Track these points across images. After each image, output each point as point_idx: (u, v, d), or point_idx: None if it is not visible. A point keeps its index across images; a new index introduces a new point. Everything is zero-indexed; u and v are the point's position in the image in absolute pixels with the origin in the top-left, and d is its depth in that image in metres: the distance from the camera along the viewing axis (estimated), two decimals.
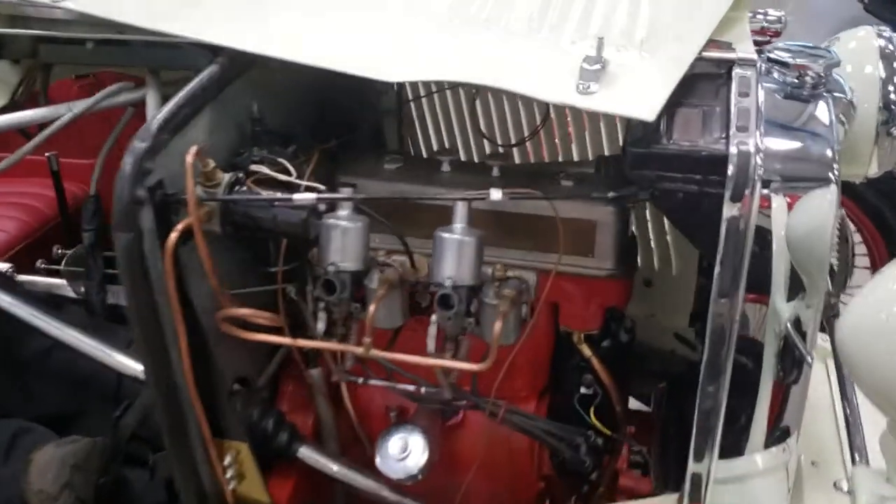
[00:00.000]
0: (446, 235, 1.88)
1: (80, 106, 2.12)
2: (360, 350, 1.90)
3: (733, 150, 1.67)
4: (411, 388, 2.10)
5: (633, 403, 2.80)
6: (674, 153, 1.75)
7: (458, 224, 1.90)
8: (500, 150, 2.67)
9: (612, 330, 2.30)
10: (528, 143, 2.64)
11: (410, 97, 2.76)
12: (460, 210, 1.89)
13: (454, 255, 1.88)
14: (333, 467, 2.23)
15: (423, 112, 2.77)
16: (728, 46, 1.90)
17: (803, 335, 1.93)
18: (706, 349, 1.82)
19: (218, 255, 2.04)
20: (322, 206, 1.85)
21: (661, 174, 1.78)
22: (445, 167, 2.22)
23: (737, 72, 1.84)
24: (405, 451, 2.09)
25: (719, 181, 1.70)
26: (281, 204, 1.81)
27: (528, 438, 2.28)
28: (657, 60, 1.81)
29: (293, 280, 2.08)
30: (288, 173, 1.94)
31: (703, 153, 1.73)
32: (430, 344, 1.97)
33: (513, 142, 2.59)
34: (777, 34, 2.36)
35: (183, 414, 1.95)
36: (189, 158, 1.70)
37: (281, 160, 1.97)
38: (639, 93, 1.72)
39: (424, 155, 2.82)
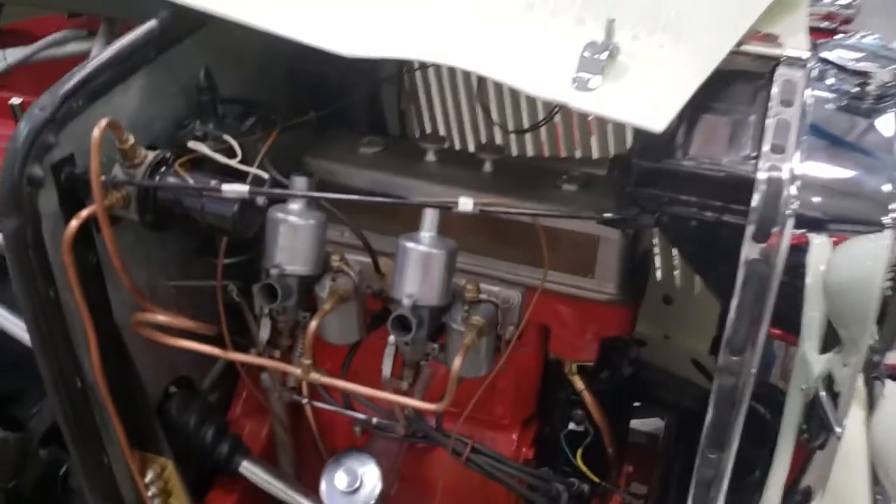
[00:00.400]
0: (410, 245, 1.57)
1: (15, 55, 1.84)
2: (297, 372, 1.61)
3: (762, 174, 1.32)
4: (362, 416, 1.81)
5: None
6: (689, 171, 1.40)
7: (426, 233, 1.58)
8: (497, 140, 2.32)
9: (612, 362, 1.97)
10: (530, 135, 2.29)
11: (416, 66, 2.42)
12: (429, 217, 1.58)
13: (417, 269, 1.58)
14: (278, 487, 1.97)
15: (429, 85, 2.43)
16: (774, 40, 1.53)
17: (835, 397, 1.58)
18: (709, 411, 1.49)
19: (151, 242, 1.78)
20: (262, 200, 1.55)
21: (672, 196, 1.43)
22: (430, 157, 1.90)
23: (781, 73, 1.47)
24: (354, 484, 1.81)
25: (743, 211, 1.35)
26: (209, 194, 1.51)
27: None
28: (680, 52, 1.45)
29: (241, 276, 1.80)
30: (233, 154, 1.65)
31: (726, 175, 1.38)
32: (385, 369, 1.67)
33: (514, 128, 2.24)
34: (847, 21, 1.97)
35: (94, 422, 1.69)
36: (96, 132, 1.41)
37: (227, 137, 1.67)
38: (650, 93, 1.37)
39: (428, 132, 2.49)
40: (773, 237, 1.32)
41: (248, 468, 1.96)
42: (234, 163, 1.62)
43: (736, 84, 1.50)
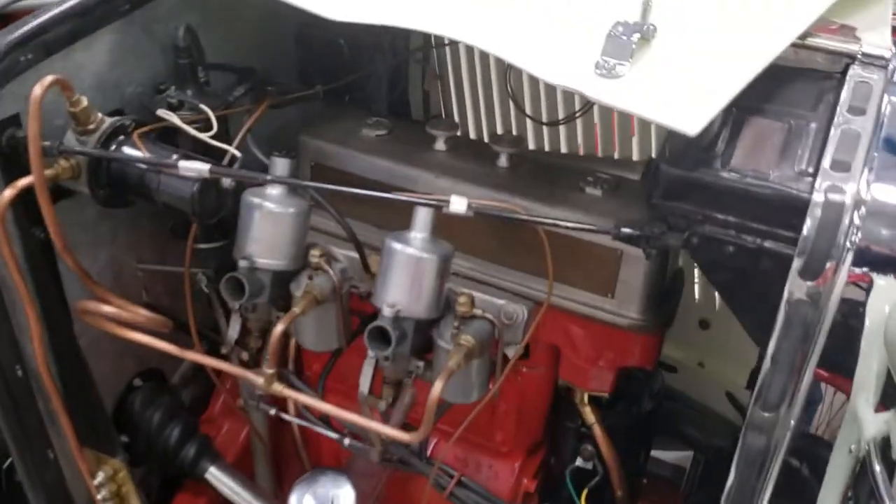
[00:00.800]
0: (396, 246, 1.35)
1: None
2: (259, 381, 1.40)
3: (818, 196, 1.07)
4: (333, 435, 1.60)
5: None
6: (728, 185, 1.16)
7: (417, 234, 1.36)
8: (530, 133, 2.06)
9: (630, 395, 1.73)
10: (564, 128, 2.03)
11: (446, 41, 2.18)
12: (421, 216, 1.36)
13: (403, 274, 1.36)
14: (245, 499, 1.77)
15: (456, 66, 2.19)
16: (851, 33, 1.27)
17: (891, 467, 1.33)
18: (732, 472, 1.25)
19: (117, 219, 1.59)
20: (229, 182, 1.34)
21: (705, 213, 1.19)
22: (440, 145, 1.67)
23: (855, 73, 1.21)
24: None
25: (791, 239, 1.11)
26: (165, 170, 1.31)
27: None
28: (729, 40, 1.20)
29: (220, 263, 1.60)
30: (210, 126, 1.45)
31: (773, 192, 1.14)
32: (363, 384, 1.46)
33: (548, 119, 1.99)
34: None
35: (38, 414, 1.51)
36: (37, 89, 1.21)
37: (203, 107, 1.46)
38: (687, 87, 1.13)
39: (457, 115, 2.26)
40: (826, 274, 1.07)
41: (215, 475, 1.77)
42: (205, 137, 1.42)
43: (796, 83, 1.24)
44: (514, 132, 2.14)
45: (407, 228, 1.36)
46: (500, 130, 2.10)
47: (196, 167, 1.27)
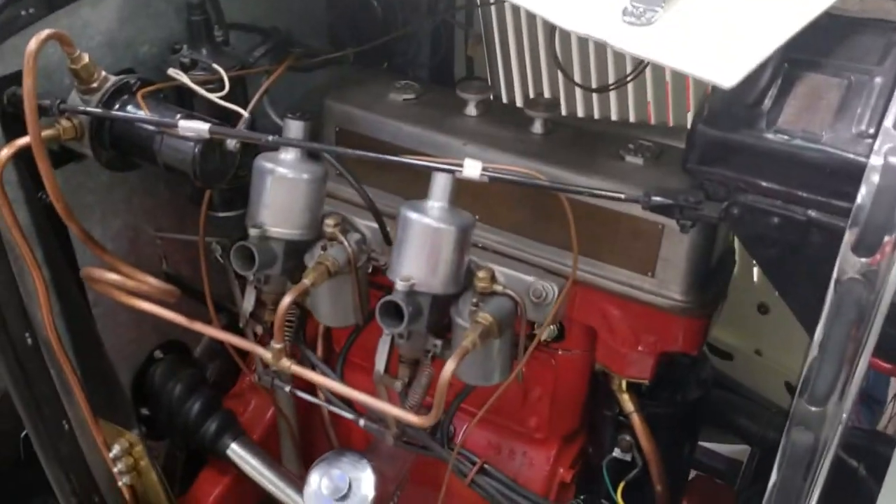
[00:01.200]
0: (413, 216, 1.26)
1: None
2: (267, 356, 1.33)
3: (877, 160, 0.93)
4: (349, 415, 1.52)
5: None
6: (773, 148, 1.02)
7: (435, 202, 1.26)
8: (578, 100, 1.93)
9: (673, 382, 1.59)
10: (614, 92, 1.88)
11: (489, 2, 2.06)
12: (439, 183, 1.26)
13: (419, 246, 1.26)
14: (267, 478, 1.71)
15: (505, 21, 2.06)
16: None
17: None
18: (775, 471, 1.12)
19: (132, 184, 1.53)
20: (234, 143, 1.26)
21: (748, 180, 1.05)
22: (471, 110, 1.56)
23: None
24: (339, 492, 1.52)
25: (844, 210, 0.96)
26: (167, 130, 1.24)
27: None
28: None
29: (233, 232, 1.53)
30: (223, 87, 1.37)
31: (825, 156, 1.00)
32: (378, 363, 1.37)
33: (594, 84, 1.85)
34: None
35: (51, 384, 1.48)
36: (32, 43, 1.15)
37: (216, 67, 1.39)
38: (724, 35, 0.99)
39: (502, 81, 2.13)
40: (883, 249, 0.93)
41: (237, 452, 1.72)
42: (215, 97, 1.34)
43: (860, 35, 1.09)
44: (561, 97, 2.01)
45: (410, 201, 1.26)
46: (547, 95, 1.97)
47: (196, 127, 1.20)
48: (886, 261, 0.93)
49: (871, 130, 0.98)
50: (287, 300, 1.29)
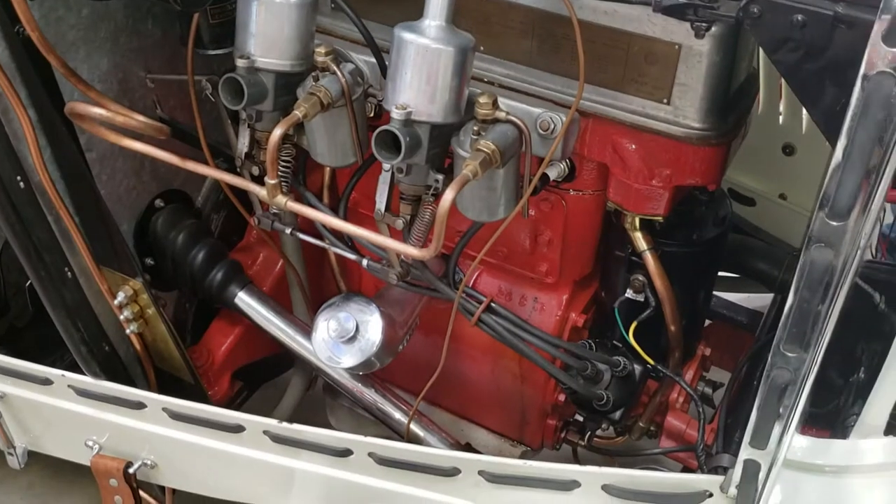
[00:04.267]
0: (408, 36, 1.17)
1: None
2: (262, 193, 1.28)
3: None
4: (352, 256, 1.47)
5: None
6: None
7: (431, 21, 1.17)
8: None
9: (689, 219, 1.53)
10: None
11: None
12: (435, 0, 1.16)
13: (415, 70, 1.18)
14: (276, 325, 1.70)
15: None
16: None
17: None
18: (792, 293, 1.07)
19: (117, 22, 1.45)
20: None
21: None
22: None
23: None
24: (346, 334, 1.50)
25: (875, 2, 0.87)
26: None
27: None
28: None
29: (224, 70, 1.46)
30: None
31: None
32: (379, 200, 1.32)
33: None
34: None
35: (49, 229, 1.45)
36: None
37: None
38: None
39: None
40: None
41: (244, 300, 1.70)
42: None
43: None
44: None
45: (403, 22, 1.18)
46: None
47: None
48: None
49: None
50: (278, 132, 1.22)
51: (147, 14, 1.49)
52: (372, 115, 1.41)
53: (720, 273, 1.77)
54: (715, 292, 1.85)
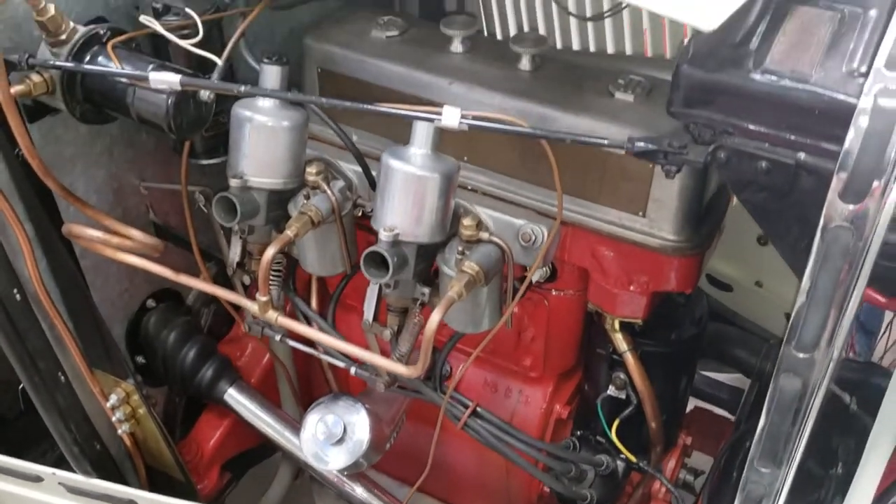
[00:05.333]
0: (395, 164, 1.23)
1: None
2: (253, 308, 1.32)
3: (866, 101, 0.89)
4: (340, 363, 1.51)
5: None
6: (760, 89, 0.98)
7: (417, 149, 1.23)
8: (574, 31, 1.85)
9: (668, 321, 1.58)
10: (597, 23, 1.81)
11: None
12: (421, 130, 1.22)
13: (402, 195, 1.24)
14: (264, 421, 1.73)
15: None
16: None
17: None
18: (763, 415, 1.12)
19: (113, 137, 1.50)
20: (208, 95, 1.23)
21: (734, 122, 1.01)
22: (456, 46, 1.51)
23: None
24: (334, 437, 1.53)
25: (833, 154, 0.93)
26: (137, 83, 1.20)
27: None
28: None
29: (218, 180, 1.51)
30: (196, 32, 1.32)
31: (813, 97, 0.95)
32: (367, 311, 1.37)
33: (588, 13, 1.78)
34: None
35: (43, 337, 1.48)
36: None
37: (189, 11, 1.34)
38: None
39: (496, 14, 2.06)
40: (873, 195, 0.90)
41: (234, 397, 1.74)
42: (188, 44, 1.30)
43: None
44: (556, 28, 1.94)
45: (390, 148, 1.24)
46: (542, 30, 1.90)
47: (167, 79, 1.16)
48: (875, 207, 0.90)
49: (864, 69, 0.94)
50: (270, 252, 1.27)
51: (141, 126, 1.54)
52: (360, 214, 1.46)
53: None
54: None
